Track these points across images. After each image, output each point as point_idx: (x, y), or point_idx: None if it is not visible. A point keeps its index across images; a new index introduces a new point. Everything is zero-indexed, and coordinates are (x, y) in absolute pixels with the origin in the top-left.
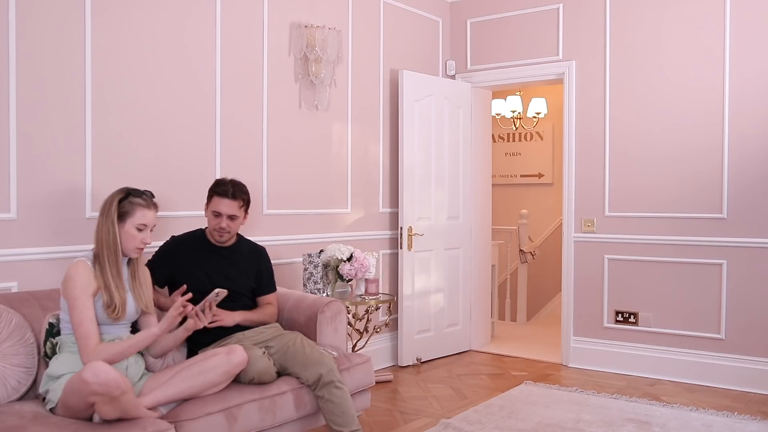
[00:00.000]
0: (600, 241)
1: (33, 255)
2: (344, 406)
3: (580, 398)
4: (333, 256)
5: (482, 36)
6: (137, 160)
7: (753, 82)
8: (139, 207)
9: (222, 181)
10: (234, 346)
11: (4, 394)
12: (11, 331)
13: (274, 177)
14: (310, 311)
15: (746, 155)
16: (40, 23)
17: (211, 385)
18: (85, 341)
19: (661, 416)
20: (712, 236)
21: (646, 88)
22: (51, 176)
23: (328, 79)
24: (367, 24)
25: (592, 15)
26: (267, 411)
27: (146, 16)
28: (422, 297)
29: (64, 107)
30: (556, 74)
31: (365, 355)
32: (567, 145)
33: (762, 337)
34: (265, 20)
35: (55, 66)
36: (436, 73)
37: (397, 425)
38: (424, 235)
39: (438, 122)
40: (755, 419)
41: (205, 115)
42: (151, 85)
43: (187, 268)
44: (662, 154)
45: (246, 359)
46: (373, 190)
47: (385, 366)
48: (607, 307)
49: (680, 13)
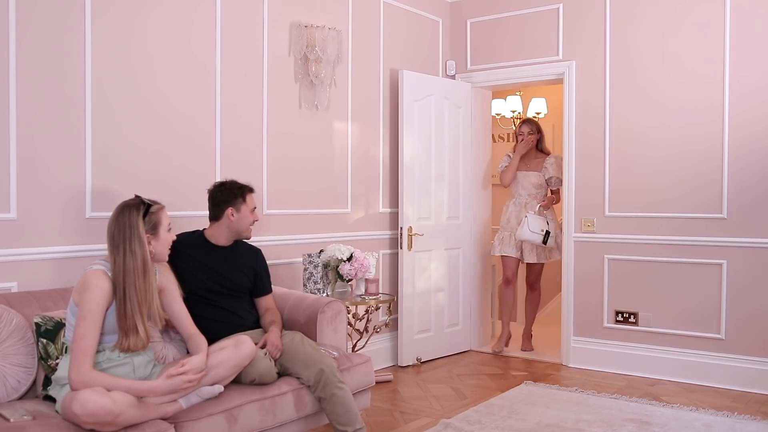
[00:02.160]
0: (600, 241)
1: (33, 255)
2: (347, 405)
3: (580, 398)
4: (333, 256)
5: (482, 36)
6: (137, 161)
7: (753, 78)
8: (161, 210)
9: (235, 182)
10: (242, 337)
11: (4, 393)
12: (11, 331)
13: (274, 177)
14: (310, 311)
15: (746, 154)
16: (41, 24)
17: (220, 380)
18: (81, 357)
19: (661, 416)
20: (712, 236)
21: (646, 87)
22: (51, 176)
23: (328, 79)
24: (367, 24)
25: (592, 15)
26: (267, 411)
27: (147, 16)
28: (422, 297)
29: (65, 107)
30: (556, 74)
31: (365, 355)
32: (567, 145)
33: (762, 337)
34: (265, 20)
35: (55, 66)
36: (436, 73)
37: (397, 425)
38: (424, 235)
39: (438, 122)
40: (755, 419)
41: (205, 115)
42: (151, 85)
43: (188, 269)
44: (663, 153)
45: (254, 350)
46: (373, 190)
47: (385, 366)
48: (607, 307)
49: (680, 13)
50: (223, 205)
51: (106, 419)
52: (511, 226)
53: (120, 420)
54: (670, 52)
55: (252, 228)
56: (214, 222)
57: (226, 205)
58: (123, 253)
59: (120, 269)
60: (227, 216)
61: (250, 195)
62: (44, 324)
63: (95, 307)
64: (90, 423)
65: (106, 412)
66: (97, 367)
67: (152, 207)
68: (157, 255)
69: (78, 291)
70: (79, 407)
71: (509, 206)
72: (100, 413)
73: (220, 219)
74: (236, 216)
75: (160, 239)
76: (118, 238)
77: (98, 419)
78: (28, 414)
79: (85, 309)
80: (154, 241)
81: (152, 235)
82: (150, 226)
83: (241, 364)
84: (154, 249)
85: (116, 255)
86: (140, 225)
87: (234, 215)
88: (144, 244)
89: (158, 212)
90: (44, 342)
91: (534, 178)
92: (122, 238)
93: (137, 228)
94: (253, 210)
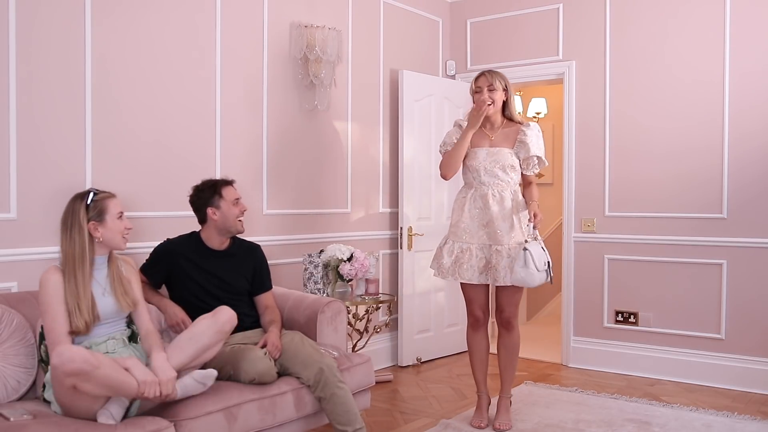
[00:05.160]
0: (600, 241)
1: (33, 255)
2: (347, 404)
3: (580, 398)
4: (333, 256)
5: (482, 36)
6: (137, 161)
7: (753, 78)
8: (108, 198)
9: (208, 180)
10: (220, 307)
11: (4, 394)
12: (12, 331)
13: (274, 177)
14: (310, 311)
15: (746, 154)
16: (41, 24)
17: (205, 348)
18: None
19: (661, 416)
20: (712, 236)
21: (646, 87)
22: (51, 176)
23: (328, 79)
24: (367, 24)
25: (592, 15)
26: (267, 411)
27: (147, 16)
28: (422, 297)
29: (65, 107)
30: (556, 74)
31: (365, 355)
32: (567, 145)
33: (762, 337)
34: (265, 20)
35: (55, 66)
36: (436, 73)
37: (397, 425)
38: (424, 235)
39: (438, 122)
40: (755, 419)
41: (205, 115)
42: (151, 85)
43: (185, 272)
44: (663, 153)
45: (234, 315)
46: (373, 190)
47: (385, 366)
48: (607, 307)
49: (680, 13)
50: (203, 208)
51: (85, 368)
52: (470, 233)
53: (99, 373)
54: (670, 52)
55: (242, 220)
56: (203, 224)
57: (205, 206)
58: (65, 240)
59: (64, 255)
60: (210, 217)
61: (226, 188)
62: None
63: (51, 299)
64: (69, 373)
65: (83, 360)
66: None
67: (97, 195)
68: (107, 242)
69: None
70: (57, 357)
71: (465, 202)
72: (77, 359)
73: (207, 221)
74: (218, 213)
75: (108, 226)
76: (63, 225)
77: (76, 366)
78: (28, 413)
79: (43, 304)
80: (102, 228)
81: (98, 221)
82: (95, 213)
83: (222, 329)
84: (103, 236)
85: (61, 242)
86: (81, 212)
87: (216, 213)
88: (84, 231)
89: (104, 200)
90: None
91: (504, 157)
92: (65, 225)
93: (77, 215)
94: (236, 201)
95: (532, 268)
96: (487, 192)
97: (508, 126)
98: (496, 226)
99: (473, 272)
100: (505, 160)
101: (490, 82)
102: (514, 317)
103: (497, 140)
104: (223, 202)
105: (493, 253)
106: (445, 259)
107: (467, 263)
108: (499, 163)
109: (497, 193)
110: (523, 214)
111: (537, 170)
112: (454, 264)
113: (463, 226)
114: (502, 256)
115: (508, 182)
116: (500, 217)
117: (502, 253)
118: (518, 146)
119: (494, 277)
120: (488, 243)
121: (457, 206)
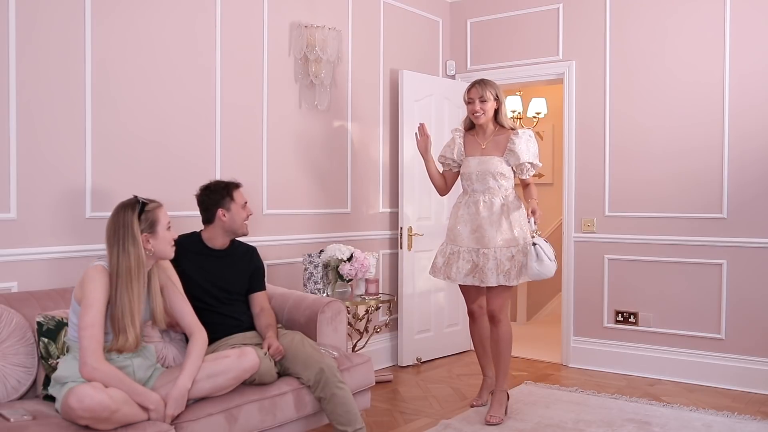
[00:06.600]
0: (600, 241)
1: (33, 255)
2: (347, 405)
3: (580, 398)
4: (333, 256)
5: (482, 36)
6: (137, 161)
7: (753, 78)
8: (158, 209)
9: (220, 182)
10: (246, 348)
11: (4, 393)
12: (11, 331)
13: (274, 177)
14: (310, 311)
15: (746, 153)
16: (41, 24)
17: (220, 390)
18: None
19: (661, 416)
20: (712, 236)
21: (646, 87)
22: (51, 176)
23: (328, 79)
24: (367, 24)
25: (592, 15)
26: (267, 411)
27: (147, 16)
28: (422, 297)
29: (65, 107)
30: (556, 74)
31: (365, 355)
32: (567, 145)
33: (762, 337)
34: (265, 20)
35: (55, 65)
36: (436, 73)
37: (397, 425)
38: (424, 235)
39: (438, 122)
40: (755, 419)
41: (206, 116)
42: (151, 84)
43: (186, 272)
44: (663, 153)
45: (258, 363)
46: (373, 190)
47: (385, 366)
48: (607, 307)
49: (680, 13)
50: (213, 208)
51: (103, 415)
52: (461, 237)
53: (116, 417)
54: (670, 52)
55: (247, 223)
56: (208, 225)
57: (215, 207)
58: (118, 252)
59: (114, 269)
60: (219, 217)
61: (237, 191)
62: (46, 323)
63: (100, 296)
64: (86, 418)
65: (103, 408)
66: None
67: (148, 205)
68: (158, 253)
69: (80, 286)
70: (76, 401)
71: (460, 207)
72: (97, 408)
73: (213, 221)
74: (228, 215)
75: (159, 237)
76: (113, 237)
77: (94, 414)
78: (28, 414)
79: (90, 298)
80: (153, 240)
81: (150, 233)
82: (147, 225)
83: (242, 376)
84: (154, 248)
85: (111, 255)
86: (135, 224)
87: (225, 215)
88: (138, 243)
89: (154, 210)
90: (45, 341)
91: (494, 165)
92: (116, 237)
93: (131, 227)
94: (244, 205)
95: (545, 261)
96: (479, 198)
97: (500, 133)
98: (484, 231)
99: (459, 273)
100: (495, 169)
101: (480, 94)
102: (500, 312)
103: (488, 149)
104: (234, 205)
105: (480, 256)
106: (438, 259)
107: (455, 264)
108: (489, 172)
109: (488, 200)
110: (516, 214)
111: (531, 174)
112: (445, 265)
113: (456, 231)
114: (488, 258)
115: (498, 189)
116: (488, 222)
117: (488, 256)
118: (508, 154)
119: (481, 279)
120: (476, 247)
121: (454, 211)
